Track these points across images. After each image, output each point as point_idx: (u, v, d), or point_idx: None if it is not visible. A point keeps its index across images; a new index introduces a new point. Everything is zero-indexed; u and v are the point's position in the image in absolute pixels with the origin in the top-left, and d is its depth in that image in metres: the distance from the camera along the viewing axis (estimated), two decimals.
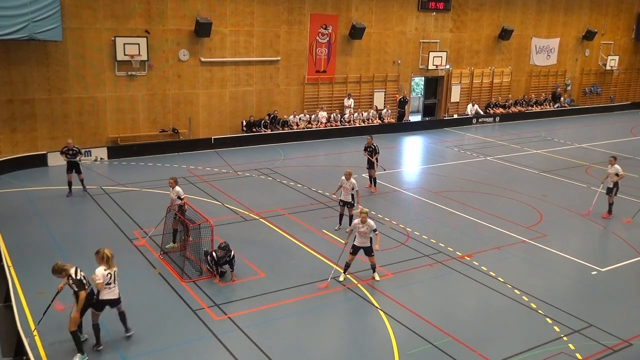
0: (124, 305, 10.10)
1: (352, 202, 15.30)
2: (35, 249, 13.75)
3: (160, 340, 10.23)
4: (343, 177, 15.39)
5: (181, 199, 13.65)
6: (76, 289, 9.40)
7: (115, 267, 9.78)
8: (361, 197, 18.38)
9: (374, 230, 12.40)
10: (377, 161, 19.32)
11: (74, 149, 17.45)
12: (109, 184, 19.05)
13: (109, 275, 9.65)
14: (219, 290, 12.07)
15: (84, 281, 9.54)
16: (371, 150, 19.28)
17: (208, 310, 11.24)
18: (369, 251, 12.61)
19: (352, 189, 15.20)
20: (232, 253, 12.40)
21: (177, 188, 13.84)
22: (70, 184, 17.77)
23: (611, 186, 17.29)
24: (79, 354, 9.47)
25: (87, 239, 14.61)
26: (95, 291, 9.68)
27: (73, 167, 17.56)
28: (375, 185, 19.33)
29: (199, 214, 13.18)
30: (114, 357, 9.67)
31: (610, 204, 17.32)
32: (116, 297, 9.79)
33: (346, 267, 12.65)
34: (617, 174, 17.22)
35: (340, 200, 15.59)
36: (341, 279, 12.59)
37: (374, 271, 12.83)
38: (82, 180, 17.97)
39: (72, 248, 13.90)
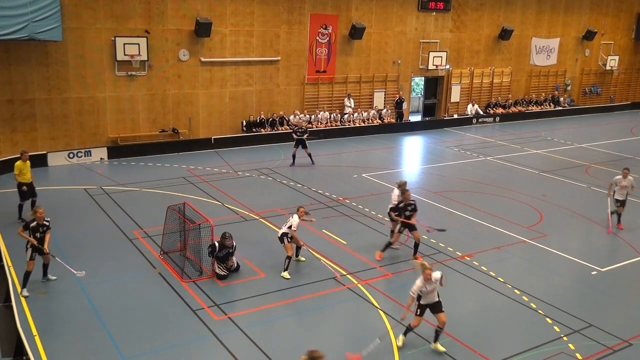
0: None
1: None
2: None
3: (160, 340, 10.23)
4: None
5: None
6: None
7: None
8: (363, 197, 18.38)
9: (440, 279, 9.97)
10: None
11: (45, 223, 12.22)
12: (109, 184, 19.05)
13: None
14: (219, 290, 12.07)
15: None
16: (412, 209, 13.74)
17: (208, 310, 11.24)
18: (438, 308, 10.04)
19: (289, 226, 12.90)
20: (235, 244, 12.69)
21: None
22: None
23: (623, 198, 16.33)
24: None
25: (87, 239, 14.61)
26: None
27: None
28: (416, 252, 14.12)
29: (199, 214, 13.18)
30: (114, 357, 9.67)
31: (620, 214, 16.52)
32: None
33: (408, 330, 10.22)
34: (632, 186, 16.38)
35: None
36: (400, 344, 10.25)
37: (437, 339, 10.09)
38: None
39: (72, 248, 13.89)
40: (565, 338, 10.69)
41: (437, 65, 31.12)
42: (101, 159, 22.20)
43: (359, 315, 11.41)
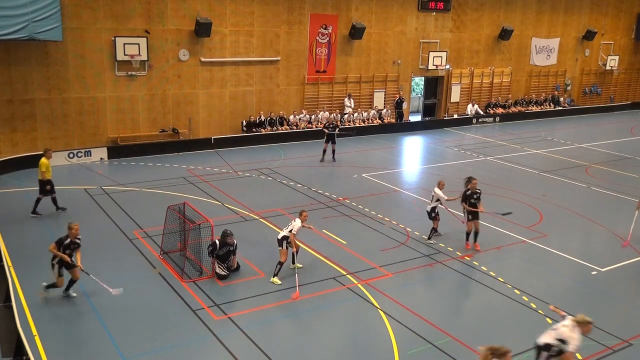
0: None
1: None
2: (35, 249, 13.73)
3: (160, 340, 10.23)
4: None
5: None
6: None
7: None
8: (363, 197, 18.38)
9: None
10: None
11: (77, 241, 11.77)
12: (109, 184, 19.04)
13: None
14: (219, 290, 12.07)
15: None
16: (477, 197, 14.39)
17: (208, 310, 11.24)
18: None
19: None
20: (236, 242, 12.72)
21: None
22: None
23: None
24: None
25: (87, 239, 14.55)
26: None
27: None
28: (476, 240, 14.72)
29: (199, 214, 13.18)
30: (114, 357, 9.67)
31: None
32: None
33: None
34: None
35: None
36: None
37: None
38: None
39: None
40: None
41: (437, 65, 31.12)
42: (101, 159, 22.20)
43: (359, 315, 11.41)
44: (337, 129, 22.85)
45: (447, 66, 31.89)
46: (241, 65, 25.64)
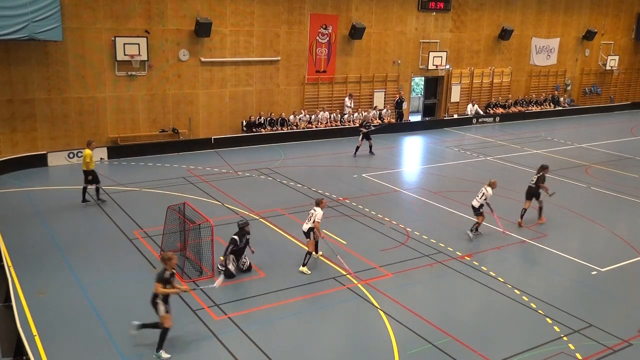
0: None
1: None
2: (35, 249, 13.75)
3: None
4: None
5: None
6: None
7: None
8: (363, 197, 18.39)
9: None
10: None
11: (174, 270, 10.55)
12: (109, 184, 19.04)
13: None
14: (219, 290, 12.05)
15: None
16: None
17: (208, 310, 11.24)
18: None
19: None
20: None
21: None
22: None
23: None
24: None
25: (87, 238, 14.61)
26: None
27: None
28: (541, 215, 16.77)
29: (199, 214, 13.18)
30: (114, 357, 9.67)
31: None
32: None
33: None
34: None
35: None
36: None
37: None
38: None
39: (72, 248, 13.90)
40: (565, 338, 10.69)
41: (437, 65, 31.11)
42: (101, 159, 22.20)
43: (359, 315, 11.41)
44: (372, 127, 24.56)
45: (447, 66, 31.89)
46: (241, 65, 25.64)
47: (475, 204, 15.35)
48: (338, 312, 11.57)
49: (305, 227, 13.14)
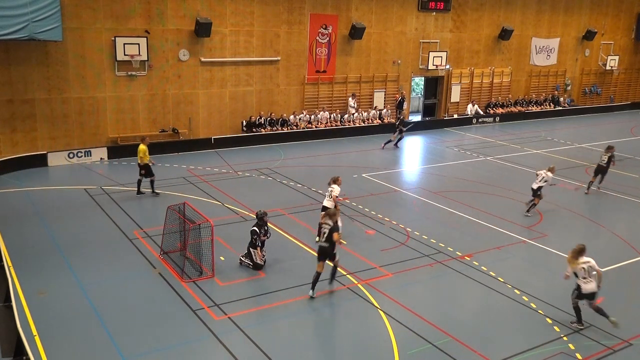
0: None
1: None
2: (35, 249, 13.75)
3: (160, 340, 10.22)
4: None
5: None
6: None
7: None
8: (363, 197, 18.40)
9: None
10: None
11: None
12: (109, 184, 19.04)
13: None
14: (219, 290, 12.07)
15: None
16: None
17: (208, 310, 11.24)
18: None
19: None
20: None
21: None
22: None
23: None
24: None
25: (87, 239, 14.60)
26: None
27: None
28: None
29: (199, 214, 13.18)
30: (114, 357, 9.67)
31: None
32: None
33: None
34: None
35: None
36: None
37: None
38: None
39: (72, 248, 13.89)
40: (565, 338, 10.69)
41: (437, 65, 31.12)
42: (101, 159, 22.20)
43: (359, 315, 11.41)
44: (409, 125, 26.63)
45: (447, 66, 31.89)
46: (241, 65, 25.64)
47: (535, 186, 17.00)
48: (338, 312, 11.57)
49: (327, 203, 14.39)
